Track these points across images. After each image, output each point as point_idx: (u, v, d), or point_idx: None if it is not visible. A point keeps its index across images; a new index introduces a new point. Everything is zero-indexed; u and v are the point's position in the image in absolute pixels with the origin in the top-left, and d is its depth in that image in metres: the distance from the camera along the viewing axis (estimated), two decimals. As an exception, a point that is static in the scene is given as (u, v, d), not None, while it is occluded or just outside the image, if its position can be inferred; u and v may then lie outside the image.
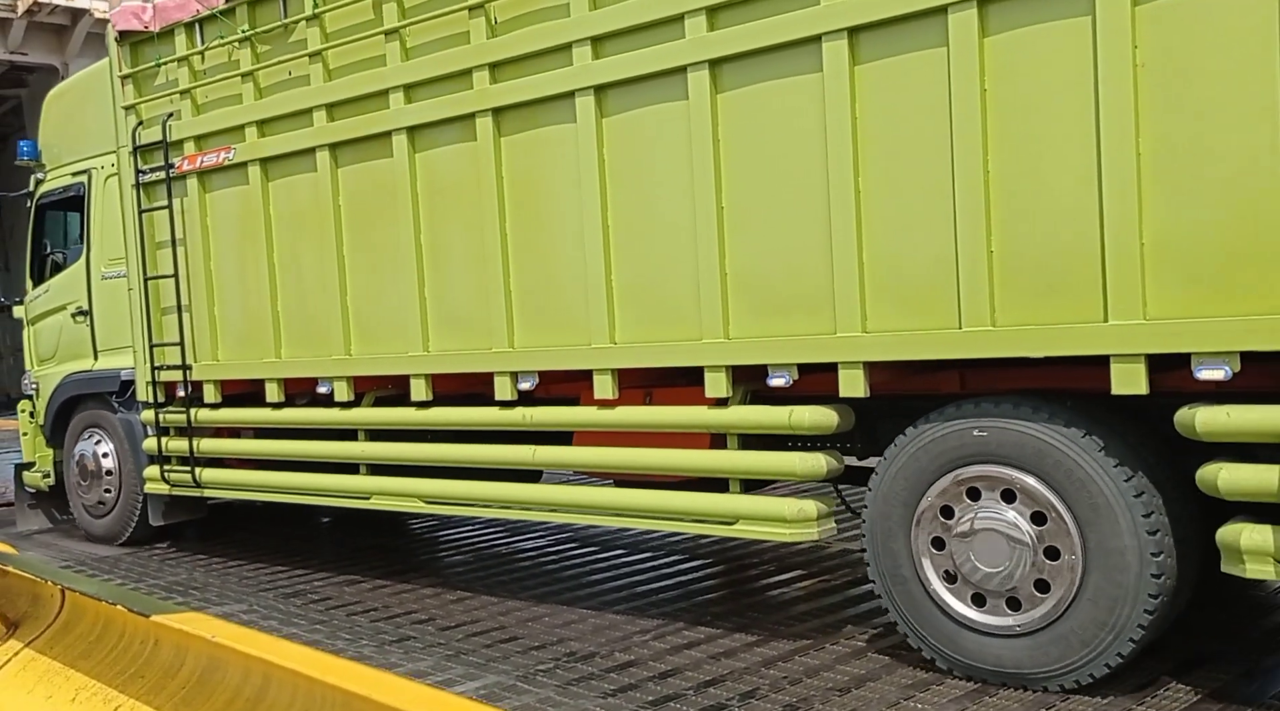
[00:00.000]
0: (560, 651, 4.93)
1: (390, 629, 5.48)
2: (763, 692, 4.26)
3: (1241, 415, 3.56)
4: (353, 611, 5.87)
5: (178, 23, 6.83)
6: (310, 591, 6.41)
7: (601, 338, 5.10)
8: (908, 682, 4.25)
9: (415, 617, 5.66)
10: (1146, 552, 3.84)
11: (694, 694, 4.29)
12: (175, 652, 2.49)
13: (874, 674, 4.38)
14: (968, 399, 4.27)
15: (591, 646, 4.98)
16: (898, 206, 4.23)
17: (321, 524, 8.62)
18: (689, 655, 4.77)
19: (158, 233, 7.18)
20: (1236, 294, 3.55)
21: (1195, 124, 3.59)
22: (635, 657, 4.78)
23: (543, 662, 4.78)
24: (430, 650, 5.07)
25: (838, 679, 4.36)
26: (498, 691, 4.43)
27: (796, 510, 4.60)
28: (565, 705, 4.24)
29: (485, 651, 5.00)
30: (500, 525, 7.93)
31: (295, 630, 5.48)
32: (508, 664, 4.79)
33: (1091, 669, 3.96)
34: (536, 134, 5.28)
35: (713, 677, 4.47)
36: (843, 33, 4.26)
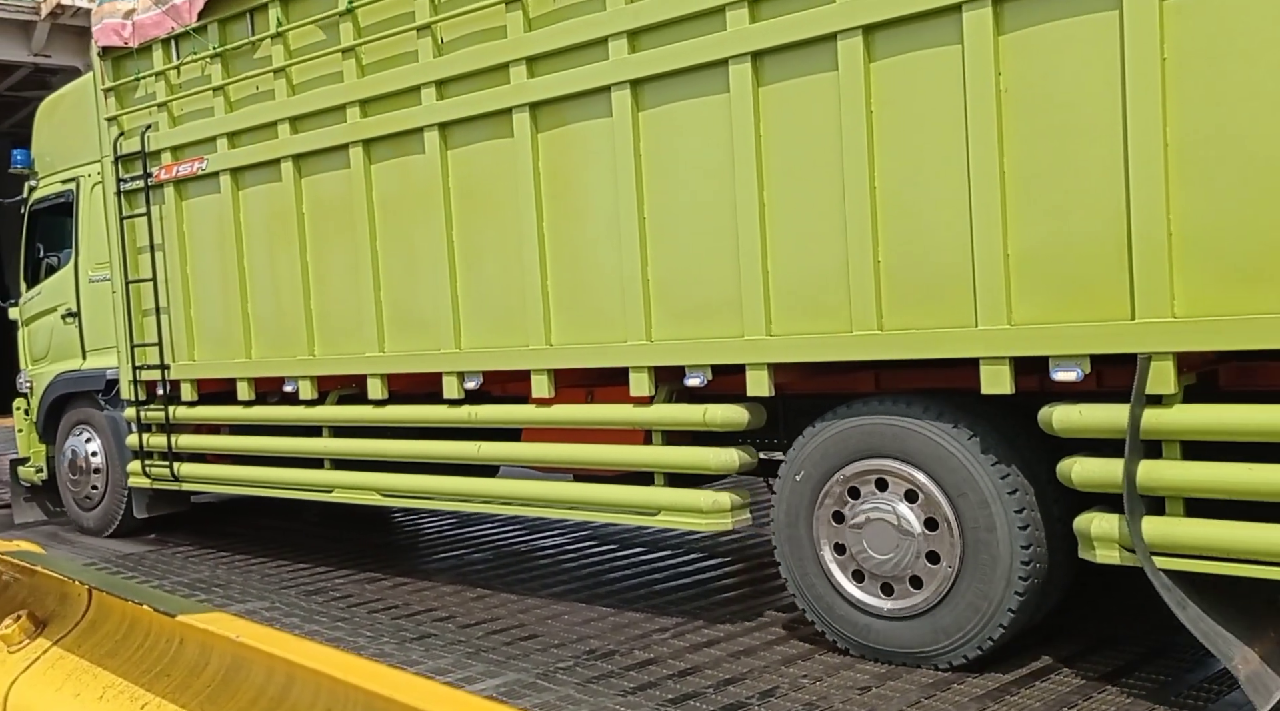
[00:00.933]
0: (580, 649, 4.94)
1: (411, 626, 5.51)
2: (783, 691, 4.25)
3: (1092, 413, 3.87)
4: (374, 608, 5.91)
5: (155, 39, 7.19)
6: (331, 588, 6.44)
7: (538, 340, 5.43)
8: (928, 681, 4.25)
9: (436, 615, 5.70)
10: (1017, 543, 4.15)
11: (714, 692, 4.29)
12: (200, 651, 2.50)
13: (894, 672, 4.38)
14: (859, 398, 4.59)
15: (611, 644, 4.98)
16: (798, 220, 4.54)
17: (342, 521, 8.63)
18: (709, 653, 4.77)
19: (138, 238, 7.55)
20: (1087, 302, 3.85)
21: (1053, 146, 3.89)
22: (655, 655, 4.78)
23: (562, 660, 4.79)
24: (451, 647, 5.10)
25: (858, 677, 4.35)
26: (518, 688, 4.44)
27: (712, 502, 4.93)
28: (585, 702, 4.24)
29: (505, 649, 5.02)
30: (519, 523, 7.98)
31: (316, 627, 5.53)
32: (528, 661, 4.81)
33: (967, 649, 4.28)
34: (481, 147, 5.61)
35: (732, 676, 4.45)
36: (746, 57, 4.57)
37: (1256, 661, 3.68)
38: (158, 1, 7.14)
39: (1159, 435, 3.76)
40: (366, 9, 5.98)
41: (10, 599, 3.35)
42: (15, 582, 3.37)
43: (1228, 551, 3.66)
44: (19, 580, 3.35)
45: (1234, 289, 3.58)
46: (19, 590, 3.33)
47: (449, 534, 7.96)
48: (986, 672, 4.27)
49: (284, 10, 6.41)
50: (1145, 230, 3.68)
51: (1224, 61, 3.54)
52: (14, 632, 3.08)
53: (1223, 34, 3.53)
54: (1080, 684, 4.14)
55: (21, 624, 3.10)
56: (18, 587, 3.35)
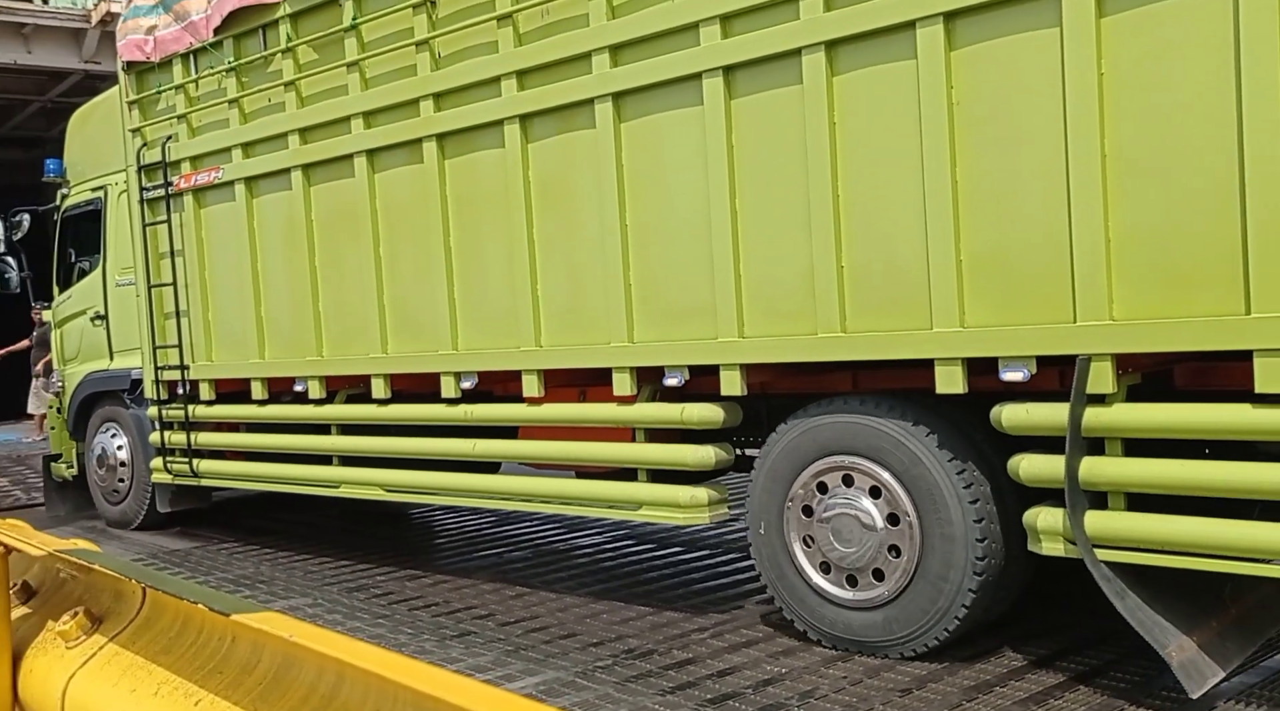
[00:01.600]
0: (619, 648, 4.96)
1: (451, 624, 5.56)
2: (822, 692, 4.24)
3: (1038, 411, 4.04)
4: (414, 606, 5.96)
5: (175, 54, 7.52)
6: (373, 586, 6.51)
7: (529, 342, 5.67)
8: (969, 684, 4.23)
9: (475, 613, 5.74)
10: (972, 536, 4.33)
11: (753, 692, 4.27)
12: (252, 649, 2.52)
13: (935, 675, 4.35)
14: (826, 397, 4.78)
15: (650, 643, 4.99)
16: (768, 227, 4.74)
17: (381, 520, 8.79)
18: (748, 653, 4.76)
19: (160, 244, 7.88)
20: (1033, 305, 4.03)
21: (1001, 156, 4.07)
22: (694, 655, 4.78)
23: (601, 659, 4.79)
24: (490, 645, 5.14)
25: (899, 679, 4.33)
26: (557, 687, 4.47)
27: (689, 497, 5.14)
28: (624, 702, 4.25)
29: (544, 647, 5.05)
30: (557, 522, 8.04)
31: (358, 624, 5.60)
32: (567, 660, 4.82)
33: (926, 639, 4.46)
34: (474, 158, 5.86)
35: (771, 676, 4.44)
36: (718, 71, 4.78)
37: (1193, 650, 3.83)
38: (178, 18, 7.46)
39: (1101, 433, 3.92)
40: (369, 25, 6.25)
41: (67, 596, 3.41)
42: (72, 580, 3.41)
43: (1167, 544, 3.82)
44: (76, 577, 3.38)
45: (1168, 293, 3.74)
46: (75, 587, 3.38)
47: (488, 532, 8.04)
48: (1028, 676, 4.28)
49: (293, 26, 6.70)
50: (1085, 237, 3.85)
51: (1156, 76, 3.70)
52: (71, 628, 3.13)
53: (1155, 50, 3.70)
54: (1125, 687, 4.13)
55: (79, 620, 3.14)
56: (74, 585, 3.39)
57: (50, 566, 3.50)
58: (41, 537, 3.53)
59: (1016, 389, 4.18)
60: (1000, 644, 4.64)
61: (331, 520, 8.91)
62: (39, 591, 3.57)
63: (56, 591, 3.49)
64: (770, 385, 5.15)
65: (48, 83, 14.70)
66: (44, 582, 3.58)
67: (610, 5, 5.15)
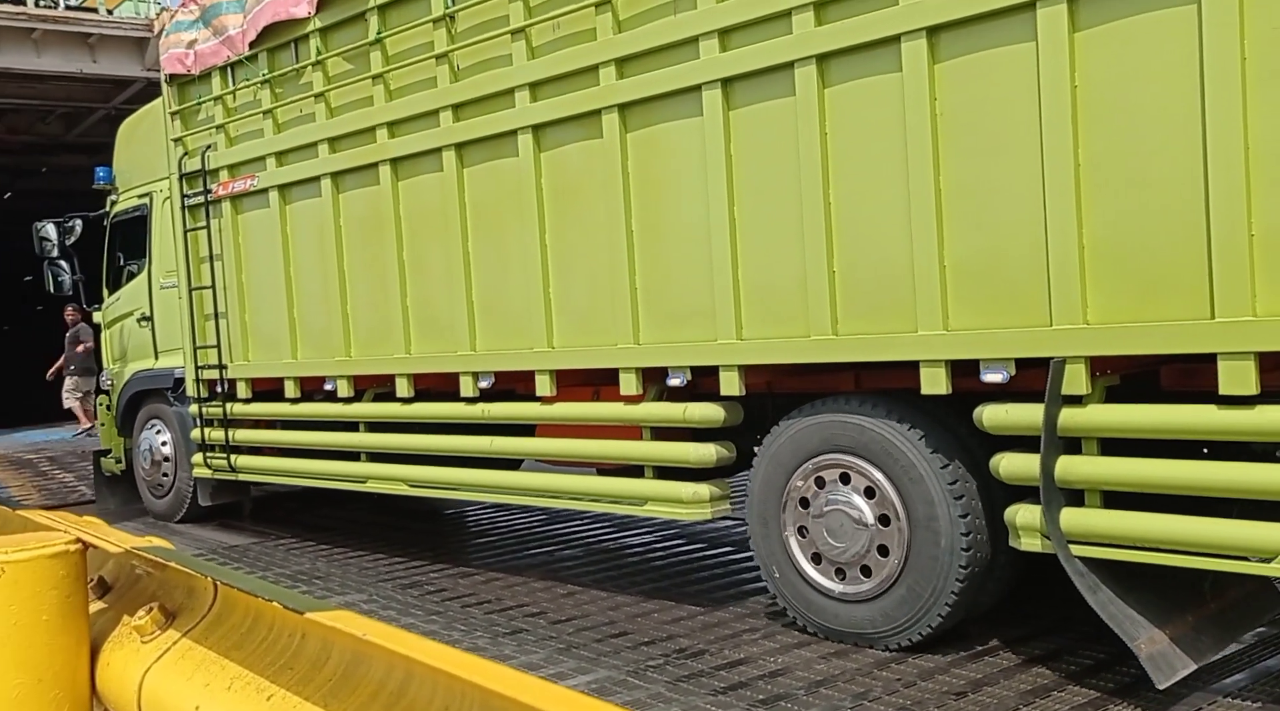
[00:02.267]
0: (670, 647, 4.97)
1: (503, 621, 5.62)
2: (875, 694, 4.23)
3: (1018, 412, 4.18)
4: (467, 603, 6.04)
5: (213, 67, 7.84)
6: (426, 582, 6.60)
7: (541, 343, 5.89)
8: (1026, 688, 4.19)
9: (527, 611, 5.80)
10: (958, 533, 4.47)
11: (805, 694, 4.26)
12: (322, 646, 2.54)
13: (991, 678, 4.32)
14: (820, 398, 4.95)
15: (701, 643, 5.00)
16: (764, 233, 4.91)
17: (435, 517, 8.95)
18: (799, 654, 4.74)
19: (200, 249, 8.21)
20: (1012, 309, 4.17)
21: (986, 165, 4.21)
22: (745, 656, 4.77)
23: (653, 658, 4.81)
24: (543, 643, 5.18)
25: (953, 682, 4.29)
26: (609, 686, 4.49)
27: (692, 493, 5.33)
28: (676, 701, 4.26)
29: (596, 646, 5.07)
30: (607, 521, 8.06)
31: (413, 620, 5.68)
32: (618, 659, 4.84)
33: (916, 631, 4.61)
34: (490, 166, 6.09)
35: (824, 677, 4.43)
36: (717, 83, 4.96)
37: (1164, 642, 3.95)
38: (216, 33, 7.79)
39: (1077, 432, 4.05)
40: (394, 39, 6.51)
41: (141, 591, 3.46)
42: (147, 576, 3.48)
43: (1141, 540, 3.95)
44: (150, 574, 3.45)
45: (1139, 298, 3.86)
46: (149, 583, 3.45)
47: (538, 530, 8.11)
48: (1085, 681, 4.23)
49: (323, 40, 6.99)
50: (1060, 244, 3.99)
51: (1126, 90, 3.83)
52: (147, 623, 3.18)
53: (1125, 65, 3.82)
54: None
55: (153, 615, 3.19)
56: (149, 581, 3.47)
57: (125, 562, 3.57)
58: (117, 534, 3.66)
59: (999, 389, 4.32)
60: (1058, 648, 4.62)
61: (385, 517, 9.07)
62: (114, 586, 3.64)
63: (131, 587, 3.56)
64: (776, 384, 5.32)
65: (112, 90, 15.22)
66: (119, 578, 3.66)
67: (616, 20, 5.35)
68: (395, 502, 9.15)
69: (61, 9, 15.49)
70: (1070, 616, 4.79)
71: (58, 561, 3.19)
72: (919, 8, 4.27)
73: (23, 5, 14.79)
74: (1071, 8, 3.90)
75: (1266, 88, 3.52)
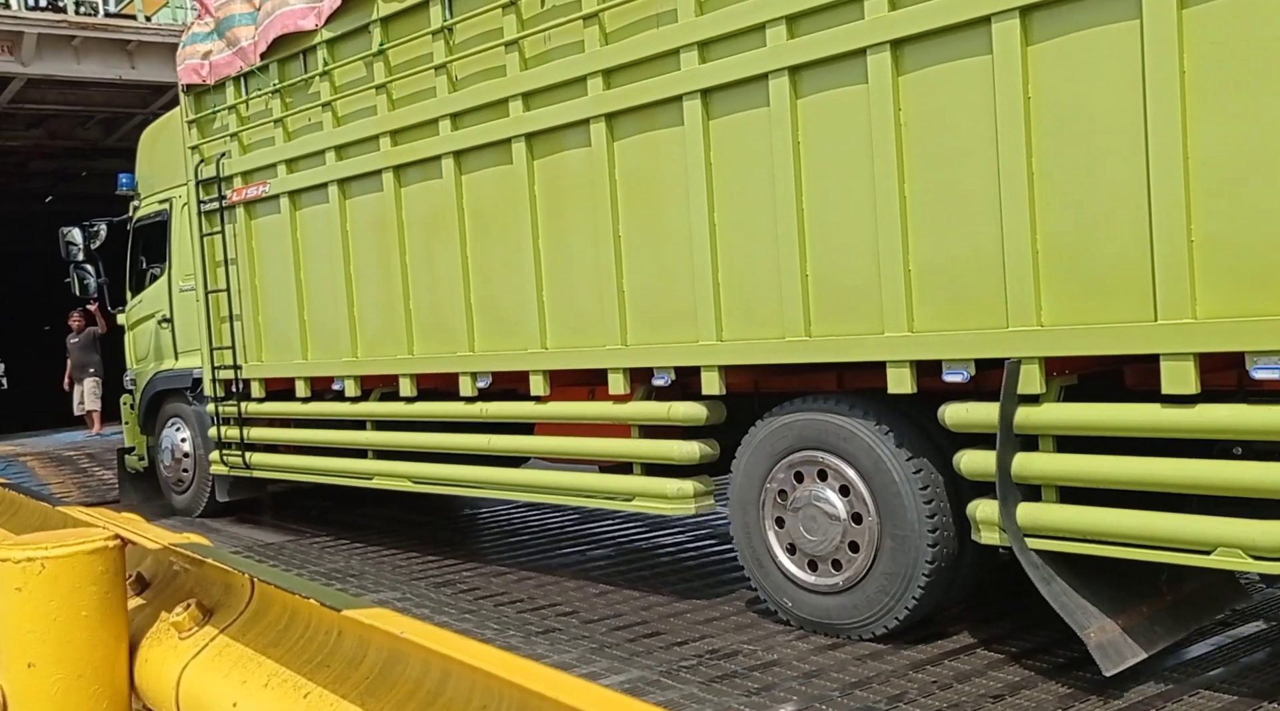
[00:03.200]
0: (703, 648, 4.95)
1: (536, 620, 5.62)
2: (911, 697, 4.18)
3: (978, 410, 4.34)
4: (499, 602, 6.05)
5: (227, 77, 8.12)
6: (459, 581, 6.63)
7: (535, 344, 6.10)
8: (1065, 692, 4.14)
9: (560, 610, 5.80)
10: (925, 528, 4.64)
11: (840, 695, 4.24)
12: (358, 644, 2.53)
13: (1029, 681, 4.27)
14: (798, 396, 5.13)
15: (734, 644, 4.97)
16: (741, 239, 5.10)
17: (467, 516, 9.07)
18: (834, 656, 4.72)
19: (216, 253, 8.49)
20: (972, 311, 4.33)
21: (947, 173, 4.38)
22: (779, 657, 4.75)
23: (686, 659, 4.80)
24: (575, 642, 5.17)
25: (990, 685, 4.25)
26: (641, 686, 4.48)
27: (676, 488, 5.52)
28: (710, 702, 4.24)
29: (629, 646, 5.06)
30: (640, 520, 8.03)
31: (446, 618, 5.68)
32: (651, 659, 4.83)
33: (885, 621, 4.78)
34: (487, 173, 6.31)
35: (859, 679, 4.41)
36: (696, 94, 5.14)
37: (1115, 632, 4.11)
38: (229, 44, 8.06)
39: (1032, 430, 4.21)
40: (396, 50, 6.75)
41: (179, 588, 3.48)
42: (185, 573, 3.49)
43: (1095, 534, 4.10)
44: (188, 570, 3.45)
45: (1089, 301, 4.01)
46: (187, 580, 3.47)
47: (570, 530, 8.14)
48: (1130, 686, 4.14)
49: (329, 51, 7.24)
50: (1015, 249, 4.15)
51: (1075, 101, 3.98)
52: (184, 620, 3.19)
53: (1075, 76, 3.98)
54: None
55: (191, 612, 3.20)
56: (186, 577, 3.48)
57: (163, 559, 3.59)
58: (156, 531, 3.70)
59: (962, 389, 4.48)
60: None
61: (418, 516, 9.17)
62: (152, 582, 3.66)
63: (169, 583, 3.58)
64: (763, 384, 5.50)
65: (150, 95, 15.54)
66: (157, 574, 3.67)
67: (604, 33, 5.54)
68: (427, 501, 9.30)
69: (101, 16, 15.80)
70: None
71: (97, 557, 3.23)
72: (883, 22, 4.44)
73: (63, 13, 15.12)
74: (1024, 23, 4.06)
75: (1204, 100, 3.67)
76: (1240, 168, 3.63)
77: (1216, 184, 3.67)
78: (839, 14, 4.60)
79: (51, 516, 4.42)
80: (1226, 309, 3.68)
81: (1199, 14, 3.65)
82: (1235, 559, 3.71)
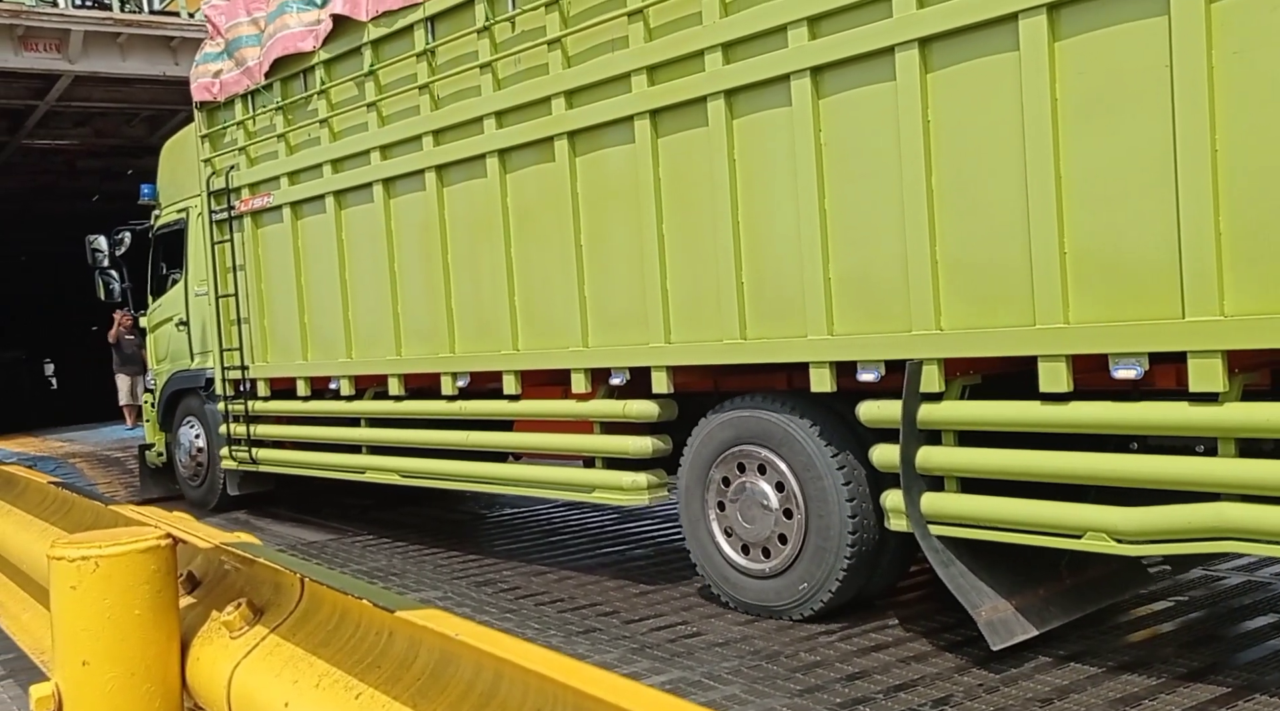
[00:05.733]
0: (744, 649, 4.94)
1: (576, 620, 5.63)
2: (957, 700, 4.14)
3: (888, 407, 4.71)
4: (540, 601, 6.09)
5: (236, 94, 8.64)
6: (500, 580, 6.68)
7: (508, 346, 6.54)
8: (1115, 696, 4.10)
9: (600, 610, 5.81)
10: (845, 517, 5.02)
11: (884, 698, 4.21)
12: (409, 645, 2.50)
13: (1078, 685, 4.23)
14: (737, 394, 5.53)
15: (776, 645, 4.96)
16: (685, 247, 5.49)
17: (507, 516, 9.14)
18: (877, 658, 4.70)
19: (226, 260, 9.02)
20: (882, 316, 4.71)
21: (860, 189, 4.76)
22: (821, 658, 4.73)
23: (727, 659, 4.80)
24: (616, 642, 5.17)
25: (1037, 689, 4.20)
26: (684, 687, 4.48)
27: (631, 481, 5.94)
28: (752, 703, 4.24)
29: (669, 646, 5.05)
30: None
31: (487, 617, 5.72)
32: (692, 660, 4.83)
33: (810, 605, 5.17)
34: (461, 187, 6.76)
35: (903, 682, 4.38)
36: (645, 114, 5.56)
37: (1008, 611, 4.47)
38: (238, 64, 8.58)
39: (935, 425, 4.59)
40: (384, 71, 7.22)
41: (229, 587, 3.48)
42: (235, 572, 3.48)
43: (991, 521, 4.46)
44: (239, 570, 3.44)
45: (982, 307, 4.38)
46: (237, 579, 3.46)
47: (610, 529, 8.15)
48: (1180, 688, 4.15)
49: (326, 71, 7.73)
50: (918, 258, 4.52)
51: (967, 123, 4.36)
52: (235, 619, 3.18)
53: (966, 102, 4.35)
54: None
55: (241, 611, 3.19)
56: (236, 577, 3.47)
57: (214, 558, 3.60)
58: (206, 530, 3.70)
59: (878, 387, 4.86)
60: (1170, 652, 4.59)
61: (458, 515, 9.38)
62: (203, 581, 3.68)
63: (220, 582, 3.58)
64: (722, 383, 5.90)
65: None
66: (208, 573, 3.69)
67: (566, 57, 5.98)
68: (469, 500, 9.67)
69: (146, 13, 16.31)
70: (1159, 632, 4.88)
71: (149, 556, 3.22)
72: (805, 50, 4.84)
73: (109, 10, 15.65)
74: (923, 53, 4.44)
75: (1073, 125, 4.04)
76: (1104, 187, 3.99)
77: (1084, 201, 4.04)
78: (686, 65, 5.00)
79: (104, 515, 4.48)
80: (1094, 315, 4.04)
81: (1067, 47, 4.02)
82: (1100, 542, 4.07)
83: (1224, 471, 3.77)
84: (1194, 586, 5.50)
